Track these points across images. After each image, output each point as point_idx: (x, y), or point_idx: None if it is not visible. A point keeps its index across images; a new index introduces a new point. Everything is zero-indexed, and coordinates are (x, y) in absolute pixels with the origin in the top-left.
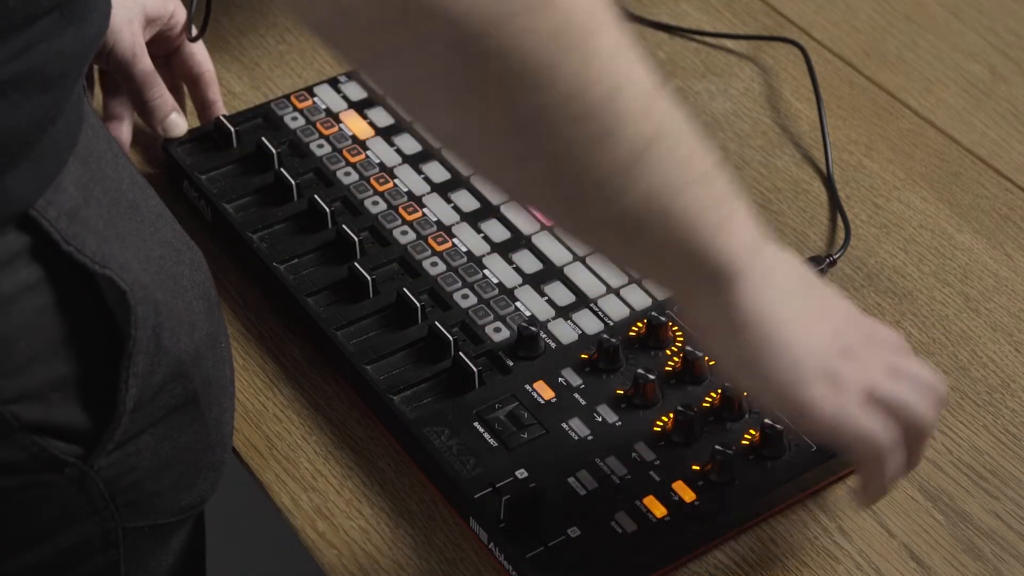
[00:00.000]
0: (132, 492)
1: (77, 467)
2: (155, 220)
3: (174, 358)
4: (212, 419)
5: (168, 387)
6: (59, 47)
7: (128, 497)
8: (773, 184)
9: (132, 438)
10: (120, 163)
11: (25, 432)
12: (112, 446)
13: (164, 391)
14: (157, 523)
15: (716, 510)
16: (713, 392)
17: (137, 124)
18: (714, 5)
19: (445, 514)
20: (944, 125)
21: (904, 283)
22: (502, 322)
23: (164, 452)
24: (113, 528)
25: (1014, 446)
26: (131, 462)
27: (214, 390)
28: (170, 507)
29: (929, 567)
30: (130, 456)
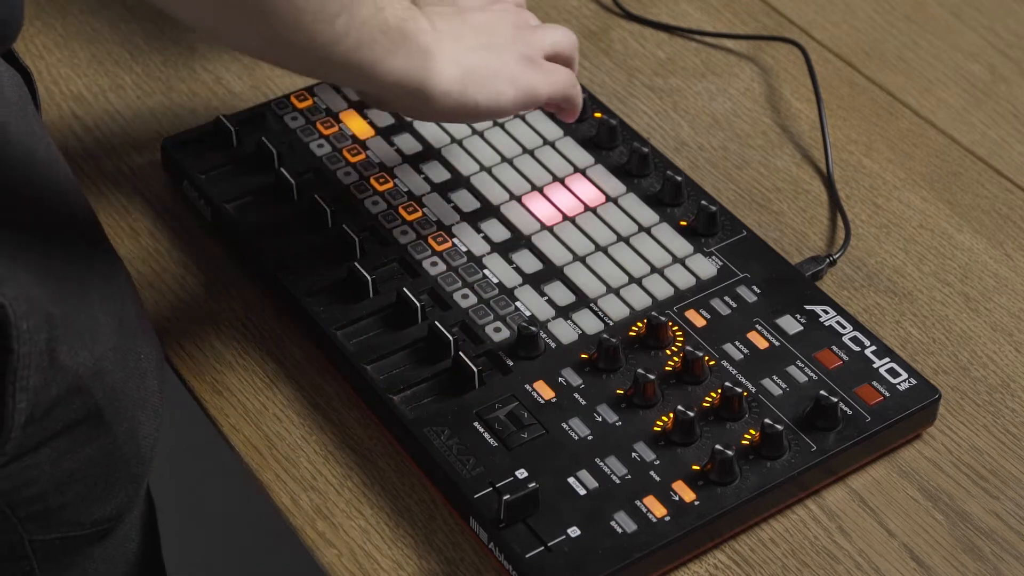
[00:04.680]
0: (34, 504)
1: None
2: (63, 221)
3: (72, 372)
4: (123, 433)
5: (66, 401)
6: None
7: (30, 510)
8: (773, 184)
9: (28, 452)
10: (35, 172)
11: None
12: (4, 459)
13: (61, 405)
14: (69, 535)
15: (716, 510)
16: (713, 392)
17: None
18: (714, 5)
19: (445, 514)
20: (944, 125)
21: (904, 283)
22: (502, 322)
23: (66, 466)
24: (19, 540)
25: (1014, 446)
26: (29, 475)
27: (123, 404)
28: (80, 520)
29: (929, 567)
30: (27, 469)
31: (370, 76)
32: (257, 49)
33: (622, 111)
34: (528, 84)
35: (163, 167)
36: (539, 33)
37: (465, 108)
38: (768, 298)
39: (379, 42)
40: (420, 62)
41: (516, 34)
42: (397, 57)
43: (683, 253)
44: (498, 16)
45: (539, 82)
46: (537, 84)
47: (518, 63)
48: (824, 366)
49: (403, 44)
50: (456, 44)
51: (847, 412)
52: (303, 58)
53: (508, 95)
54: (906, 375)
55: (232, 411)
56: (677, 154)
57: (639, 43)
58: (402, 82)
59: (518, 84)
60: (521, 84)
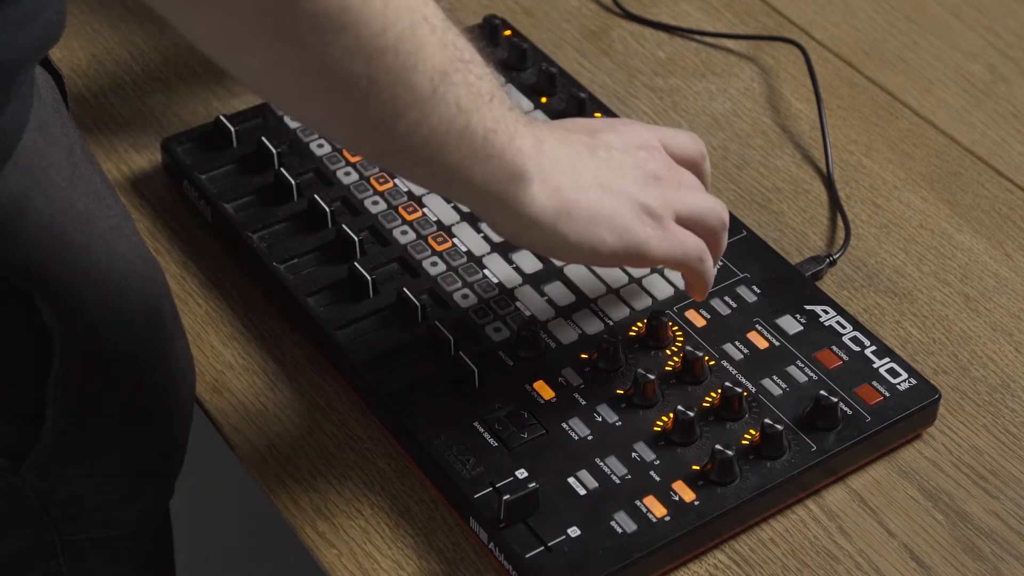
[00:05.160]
0: (69, 505)
1: (5, 480)
2: (107, 232)
3: (111, 374)
4: (156, 436)
5: (105, 405)
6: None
7: (65, 510)
8: (773, 184)
9: (67, 452)
10: (77, 172)
11: None
12: (43, 459)
13: (100, 409)
14: (101, 536)
15: (716, 510)
16: (713, 392)
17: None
18: (714, 5)
19: (445, 514)
20: (944, 125)
21: (904, 283)
22: (502, 322)
23: (103, 468)
24: (51, 540)
25: (1014, 446)
26: (66, 476)
27: (159, 407)
28: (114, 520)
29: (929, 567)
30: (65, 470)
31: (449, 183)
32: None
33: (622, 111)
34: (637, 239)
35: (163, 167)
36: (680, 192)
37: (554, 244)
38: (768, 298)
39: (460, 149)
40: (506, 182)
41: (647, 183)
42: (482, 168)
43: None
44: (634, 158)
45: (654, 241)
46: (650, 242)
47: (635, 213)
48: (824, 366)
49: (489, 160)
50: (564, 175)
51: (847, 412)
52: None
53: (608, 244)
54: (906, 375)
55: (232, 411)
56: None
57: (639, 43)
58: (485, 197)
59: (625, 236)
60: (628, 237)
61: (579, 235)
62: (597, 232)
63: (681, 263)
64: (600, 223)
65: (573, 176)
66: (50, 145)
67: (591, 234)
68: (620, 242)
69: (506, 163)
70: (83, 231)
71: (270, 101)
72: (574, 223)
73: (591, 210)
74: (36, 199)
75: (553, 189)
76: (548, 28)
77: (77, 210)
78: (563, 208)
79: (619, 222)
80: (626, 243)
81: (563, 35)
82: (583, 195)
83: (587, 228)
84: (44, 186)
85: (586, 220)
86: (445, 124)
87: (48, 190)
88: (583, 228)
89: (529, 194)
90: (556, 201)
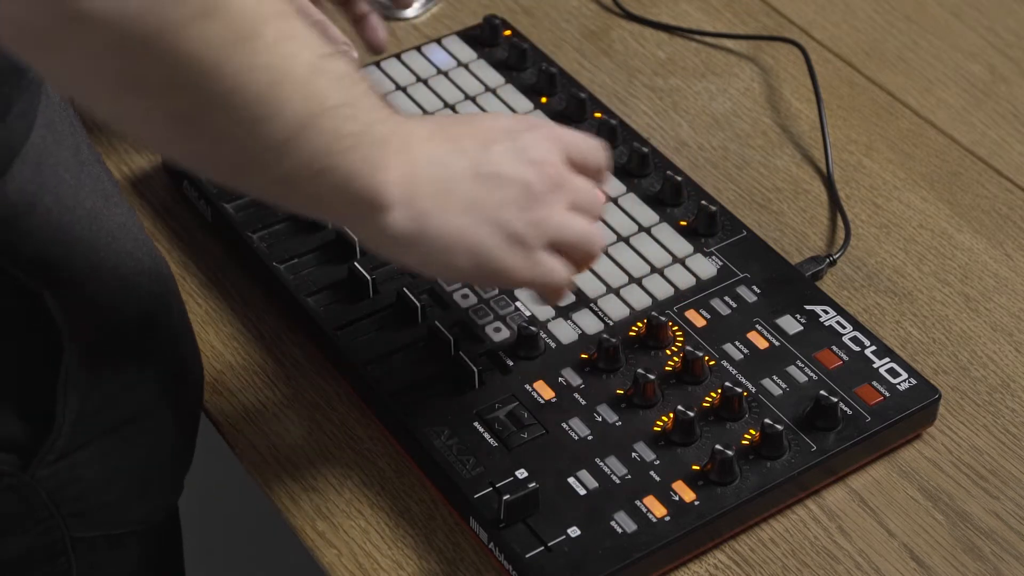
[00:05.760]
0: (79, 502)
1: (16, 476)
2: (115, 230)
3: (120, 373)
4: (164, 433)
5: (114, 400)
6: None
7: (75, 507)
8: (773, 184)
9: (76, 449)
10: (85, 171)
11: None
12: (53, 456)
13: (110, 403)
14: (110, 533)
15: (716, 510)
16: (713, 392)
17: None
18: (714, 5)
19: (445, 514)
20: (944, 125)
21: (904, 283)
22: (502, 322)
23: (113, 464)
24: (60, 538)
25: (1014, 446)
26: (76, 472)
27: (167, 404)
28: (122, 518)
29: (929, 567)
30: (75, 467)
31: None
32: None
33: (622, 111)
34: (498, 267)
35: (163, 167)
36: (559, 217)
37: (410, 263)
38: (768, 298)
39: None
40: (365, 210)
41: (527, 206)
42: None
43: (683, 253)
44: (522, 176)
45: (517, 270)
46: (512, 270)
47: (502, 240)
48: (824, 366)
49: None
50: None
51: (847, 412)
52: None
53: (464, 270)
54: (906, 375)
55: (232, 411)
56: (677, 154)
57: (639, 43)
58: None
59: (485, 264)
60: (489, 265)
61: (435, 259)
62: (452, 258)
63: (542, 290)
64: (458, 250)
65: (444, 200)
66: (58, 143)
67: (447, 259)
68: (477, 269)
69: (364, 197)
70: (91, 229)
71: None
72: (431, 247)
73: (452, 237)
74: (45, 196)
75: (416, 214)
76: (548, 28)
77: (85, 208)
78: (423, 233)
79: (480, 250)
80: (485, 270)
81: (563, 35)
82: (448, 221)
83: (443, 253)
84: (53, 183)
85: (445, 246)
86: (300, 167)
87: (57, 187)
88: (439, 253)
89: (389, 219)
90: (417, 225)
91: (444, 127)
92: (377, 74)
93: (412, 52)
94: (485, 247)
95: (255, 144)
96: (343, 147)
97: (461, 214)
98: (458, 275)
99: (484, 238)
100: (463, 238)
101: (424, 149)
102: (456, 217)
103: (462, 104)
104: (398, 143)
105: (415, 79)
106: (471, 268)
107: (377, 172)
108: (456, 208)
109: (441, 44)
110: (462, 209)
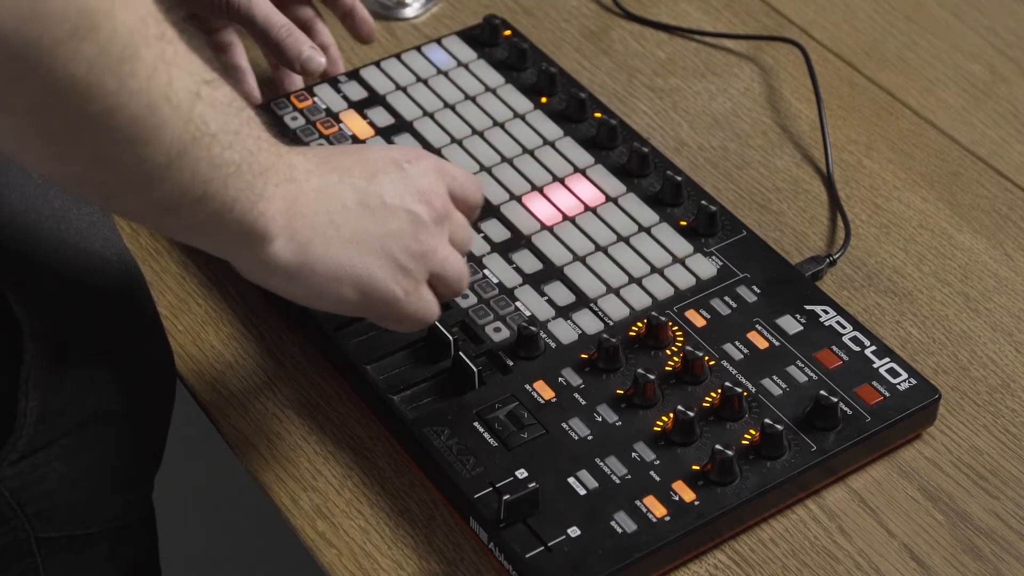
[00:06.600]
0: (43, 502)
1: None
2: (85, 229)
3: (84, 372)
4: (132, 433)
5: (79, 400)
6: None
7: (39, 507)
8: (773, 184)
9: (40, 449)
10: None
11: None
12: (16, 456)
13: (74, 404)
14: (75, 534)
15: (716, 510)
16: (713, 392)
17: None
18: (714, 5)
19: (445, 514)
20: (944, 125)
21: (904, 283)
22: (502, 322)
23: (77, 464)
24: (25, 538)
25: (1014, 446)
26: (40, 472)
27: (134, 403)
28: (89, 518)
29: (929, 567)
30: (39, 467)
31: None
32: None
33: (622, 111)
34: (388, 297)
35: None
36: (441, 251)
37: (295, 295)
38: (768, 298)
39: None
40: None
41: (412, 239)
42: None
43: (683, 253)
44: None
45: (404, 302)
46: (400, 303)
47: (391, 271)
48: (824, 366)
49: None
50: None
51: (847, 412)
52: None
53: (351, 301)
54: (906, 375)
55: (232, 411)
56: (677, 154)
57: (639, 43)
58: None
59: (373, 294)
60: (377, 295)
61: (320, 291)
62: (339, 289)
63: (415, 326)
64: (345, 281)
65: (329, 232)
66: None
67: (334, 291)
68: (365, 300)
69: (245, 226)
70: (58, 228)
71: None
72: (317, 278)
73: (339, 268)
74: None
75: (300, 245)
76: (548, 28)
77: (53, 207)
78: (307, 264)
79: (368, 280)
80: (372, 301)
81: (563, 35)
82: (334, 252)
83: (330, 285)
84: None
85: (331, 277)
86: (178, 193)
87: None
88: (325, 284)
89: (271, 250)
90: (301, 257)
91: (330, 158)
92: (378, 74)
93: (412, 52)
94: (373, 278)
95: (133, 167)
96: (223, 175)
97: (347, 245)
98: (346, 307)
99: (372, 269)
100: (350, 269)
101: (309, 180)
102: (342, 248)
103: (462, 104)
104: (281, 173)
105: (415, 79)
106: (358, 299)
107: (258, 201)
108: (342, 239)
109: (441, 44)
110: (348, 240)
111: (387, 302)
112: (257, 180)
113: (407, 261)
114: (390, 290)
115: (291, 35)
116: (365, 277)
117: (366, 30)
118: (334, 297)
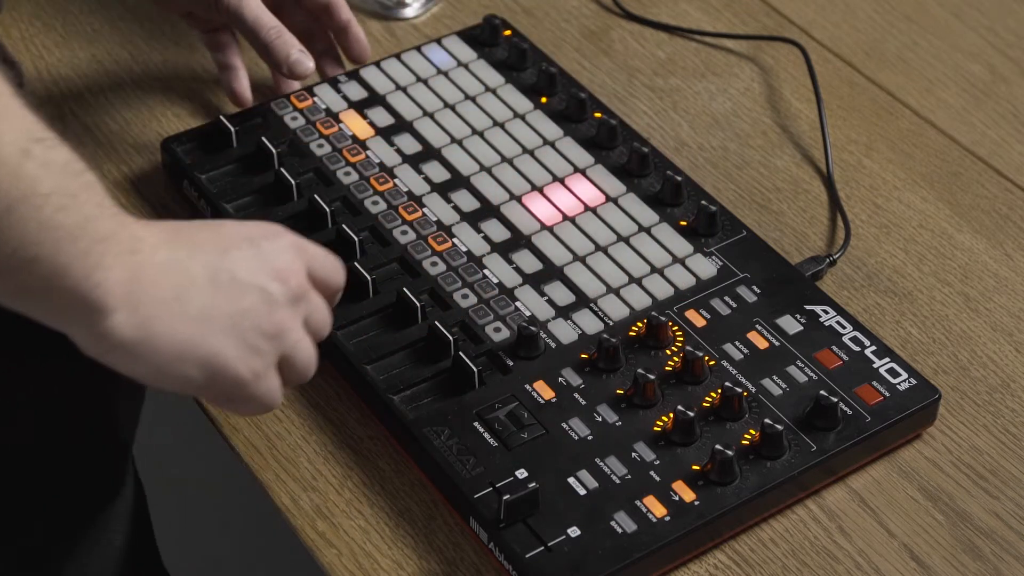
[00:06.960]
0: None
1: None
2: None
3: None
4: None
5: None
6: None
7: None
8: (773, 184)
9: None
10: None
11: None
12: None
13: None
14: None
15: (716, 510)
16: (713, 392)
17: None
18: (714, 5)
19: (445, 514)
20: (944, 125)
21: (904, 283)
22: (502, 322)
23: None
24: None
25: (1014, 446)
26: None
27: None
28: None
29: (929, 567)
30: None
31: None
32: None
33: (622, 111)
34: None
35: (163, 167)
36: (293, 334)
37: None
38: (768, 298)
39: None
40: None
41: (264, 319)
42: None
43: (683, 253)
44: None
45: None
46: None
47: (240, 352)
48: (824, 366)
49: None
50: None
51: (847, 412)
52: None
53: (196, 382)
54: (906, 375)
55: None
56: (677, 154)
57: (639, 43)
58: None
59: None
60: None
61: (164, 369)
62: (184, 369)
63: (261, 410)
64: (190, 360)
65: (174, 308)
66: None
67: (177, 370)
68: (211, 381)
69: (79, 296)
70: None
71: None
72: (160, 357)
73: (183, 346)
74: None
75: (141, 320)
76: (548, 28)
77: None
78: (148, 341)
79: (214, 361)
80: (219, 382)
81: (563, 35)
82: (178, 329)
83: (173, 364)
84: None
85: (175, 356)
86: (5, 254)
87: None
88: (169, 363)
89: (109, 324)
90: (142, 333)
91: (180, 231)
92: (378, 74)
93: (412, 52)
94: (220, 358)
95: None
96: (54, 238)
97: (194, 322)
98: (190, 388)
99: (219, 348)
100: (196, 348)
101: (156, 253)
102: (188, 325)
103: (462, 104)
104: (123, 244)
105: (415, 79)
106: (204, 380)
107: (95, 271)
108: (188, 315)
109: (441, 44)
110: (195, 318)
111: (235, 384)
112: (95, 248)
113: (258, 341)
114: (238, 372)
115: (280, 37)
116: (212, 357)
117: (358, 49)
118: (178, 377)
